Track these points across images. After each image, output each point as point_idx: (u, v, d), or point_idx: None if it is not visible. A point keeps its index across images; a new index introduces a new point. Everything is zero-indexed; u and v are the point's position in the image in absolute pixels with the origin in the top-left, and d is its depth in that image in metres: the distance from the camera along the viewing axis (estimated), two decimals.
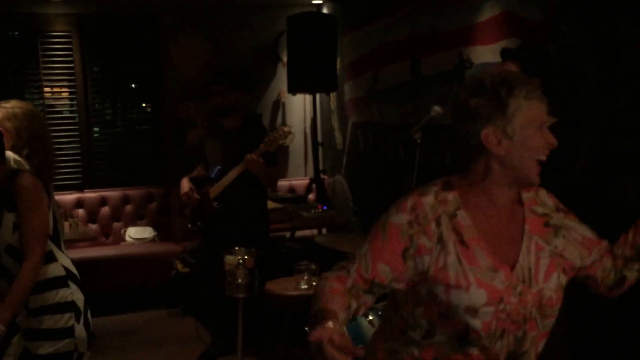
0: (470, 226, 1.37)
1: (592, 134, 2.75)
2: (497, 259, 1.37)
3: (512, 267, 1.37)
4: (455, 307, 1.34)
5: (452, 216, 1.38)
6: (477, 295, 1.34)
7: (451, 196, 1.40)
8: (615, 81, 2.68)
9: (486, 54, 3.53)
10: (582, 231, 1.49)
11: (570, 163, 2.75)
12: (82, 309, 2.30)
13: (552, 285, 1.40)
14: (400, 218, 1.39)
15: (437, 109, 2.93)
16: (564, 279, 1.43)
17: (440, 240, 1.36)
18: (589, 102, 2.77)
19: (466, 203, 1.40)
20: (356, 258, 1.41)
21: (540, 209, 1.46)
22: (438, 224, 1.37)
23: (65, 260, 2.31)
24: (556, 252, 1.43)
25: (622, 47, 2.62)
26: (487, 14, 3.53)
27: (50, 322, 2.20)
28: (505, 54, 2.90)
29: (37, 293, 2.19)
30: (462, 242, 1.36)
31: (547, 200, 1.49)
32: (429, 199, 1.39)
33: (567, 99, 2.89)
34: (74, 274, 2.33)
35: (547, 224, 1.45)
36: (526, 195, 1.45)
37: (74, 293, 2.27)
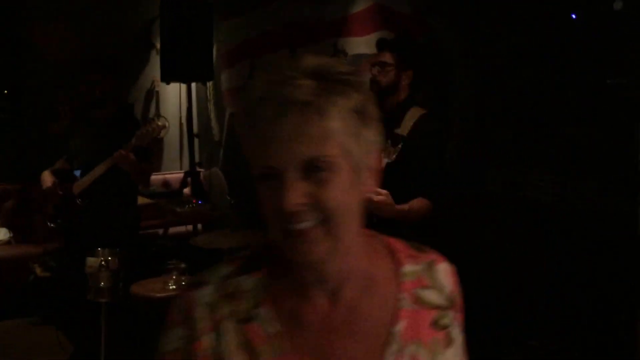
0: (274, 336, 0.83)
1: (460, 127, 2.80)
2: None
3: None
4: None
5: (244, 321, 0.84)
6: None
7: (250, 283, 0.86)
8: (482, 75, 2.74)
9: (360, 45, 3.52)
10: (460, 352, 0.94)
11: (441, 154, 2.76)
12: None
13: None
14: (172, 339, 0.85)
15: None
16: None
17: None
18: (456, 94, 2.82)
19: (277, 293, 0.85)
20: None
21: (429, 296, 0.90)
22: (218, 335, 0.84)
23: None
24: None
25: (487, 44, 2.68)
26: (361, 5, 3.53)
27: None
28: (381, 44, 2.90)
29: None
30: None
31: (445, 281, 0.92)
32: (204, 295, 0.85)
33: (439, 92, 2.93)
34: None
35: (436, 324, 0.89)
36: (410, 269, 0.90)
37: None
